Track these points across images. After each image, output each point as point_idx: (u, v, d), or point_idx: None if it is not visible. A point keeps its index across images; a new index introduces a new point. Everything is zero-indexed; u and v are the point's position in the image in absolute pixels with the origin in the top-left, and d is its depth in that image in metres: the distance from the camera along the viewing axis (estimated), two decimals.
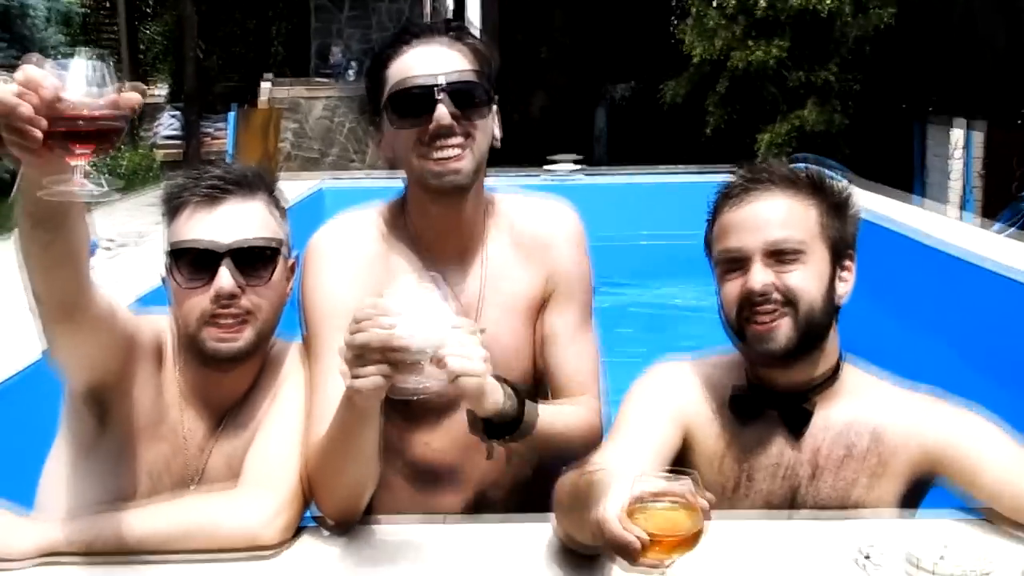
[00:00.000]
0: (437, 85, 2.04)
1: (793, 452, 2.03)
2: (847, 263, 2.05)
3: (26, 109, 1.37)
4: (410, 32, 2.12)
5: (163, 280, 2.03)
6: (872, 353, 2.19)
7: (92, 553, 1.80)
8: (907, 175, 11.50)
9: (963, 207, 10.44)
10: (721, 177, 2.08)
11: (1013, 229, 8.56)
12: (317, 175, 9.62)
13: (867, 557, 1.76)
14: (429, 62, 2.07)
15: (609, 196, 8.81)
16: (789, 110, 11.66)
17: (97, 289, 1.78)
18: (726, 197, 2.04)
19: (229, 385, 2.08)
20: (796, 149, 11.25)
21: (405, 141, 2.08)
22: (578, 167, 9.31)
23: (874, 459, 2.01)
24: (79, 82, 1.42)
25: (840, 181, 2.09)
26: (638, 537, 1.42)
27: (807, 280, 1.95)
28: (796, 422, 2.03)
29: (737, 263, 1.98)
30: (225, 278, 1.94)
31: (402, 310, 1.59)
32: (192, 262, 1.96)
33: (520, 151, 12.80)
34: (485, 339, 1.98)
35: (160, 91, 20.80)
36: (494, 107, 2.16)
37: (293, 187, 8.71)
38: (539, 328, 2.27)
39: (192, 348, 1.99)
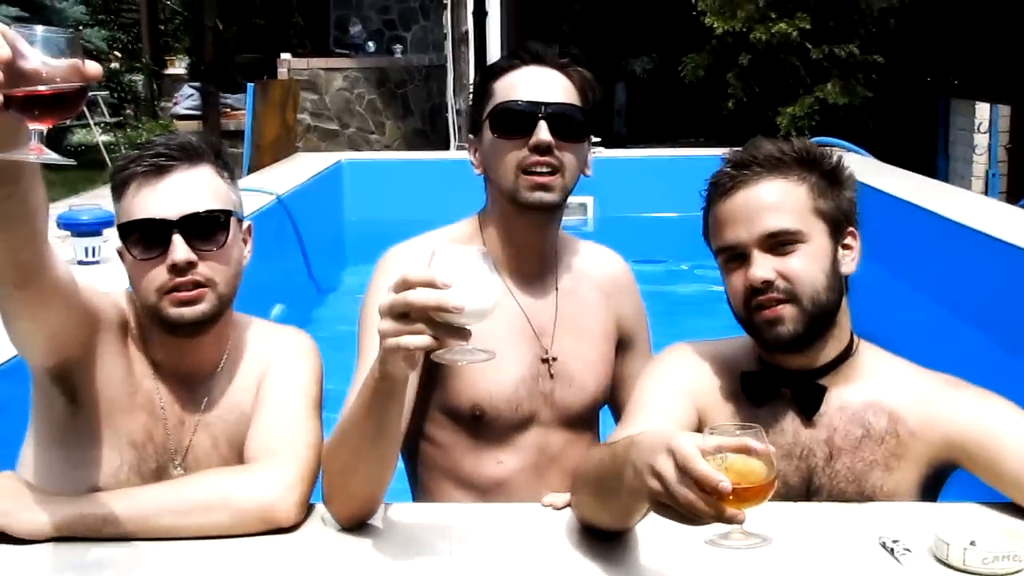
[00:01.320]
0: (542, 106, 2.16)
1: (808, 432, 1.99)
2: (849, 236, 2.01)
3: None
4: (526, 52, 2.24)
5: (120, 255, 2.02)
6: (895, 332, 2.16)
7: (107, 530, 1.78)
8: (931, 150, 11.40)
9: (987, 184, 10.34)
10: None
11: None
12: (337, 154, 9.62)
13: (895, 541, 1.73)
14: (538, 84, 2.20)
15: (630, 171, 8.78)
16: (812, 84, 11.55)
17: (57, 256, 1.76)
18: (715, 187, 2.01)
19: (197, 354, 2.06)
20: (819, 124, 11.16)
21: (501, 154, 2.18)
22: (598, 140, 9.24)
23: (892, 441, 1.97)
24: (39, 48, 1.37)
25: (831, 151, 2.04)
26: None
27: (808, 263, 1.92)
28: (809, 402, 1.99)
29: (736, 256, 1.96)
30: (180, 249, 1.92)
31: (454, 275, 1.54)
32: (144, 236, 1.94)
33: None
34: (559, 362, 2.25)
35: (180, 65, 20.84)
36: (590, 139, 2.25)
37: (313, 161, 8.73)
38: (616, 368, 2.40)
39: (155, 318, 1.98)
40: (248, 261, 2.09)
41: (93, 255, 4.73)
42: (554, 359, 2.26)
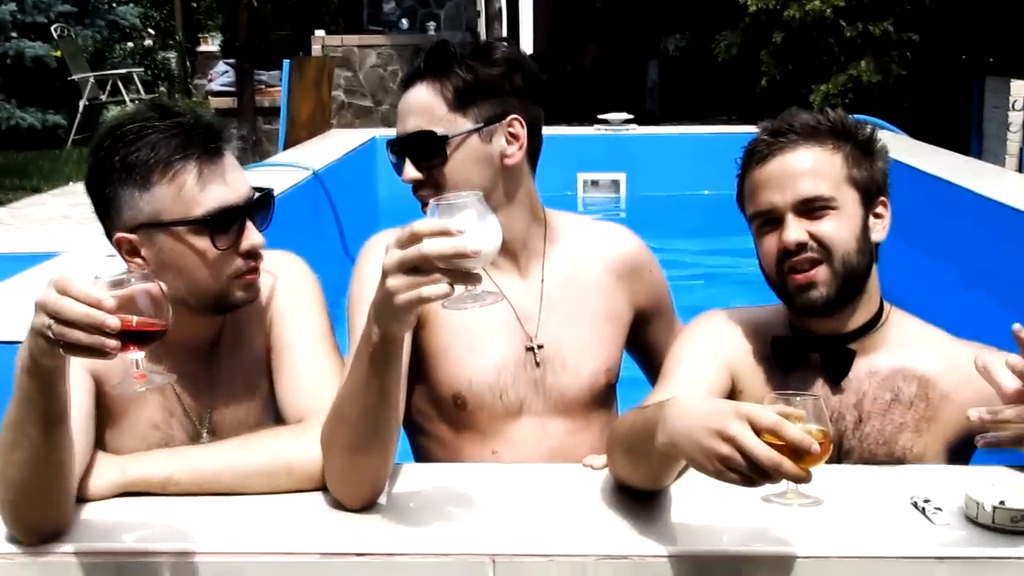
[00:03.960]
0: (400, 142, 2.16)
1: (838, 398, 2.04)
2: (880, 205, 2.06)
3: (115, 322, 1.44)
4: (408, 75, 2.21)
5: (134, 247, 1.89)
6: (927, 309, 2.20)
7: (169, 489, 1.85)
8: (964, 128, 11.33)
9: (1021, 161, 10.28)
10: None
11: None
12: (371, 131, 9.67)
13: (927, 501, 1.77)
14: (401, 119, 2.19)
15: (661, 149, 8.78)
16: (845, 62, 11.50)
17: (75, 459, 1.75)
18: (752, 154, 2.06)
19: (207, 325, 2.03)
20: (852, 102, 11.12)
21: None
22: (631, 118, 9.23)
23: (922, 405, 2.02)
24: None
25: (865, 123, 2.09)
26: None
27: (840, 228, 1.98)
28: (837, 368, 2.04)
29: (770, 220, 2.01)
30: (256, 234, 1.93)
31: (461, 221, 1.53)
32: (223, 225, 1.88)
33: (573, 103, 12.76)
34: (546, 349, 2.21)
35: (213, 42, 20.93)
36: (493, 127, 2.15)
37: (348, 137, 8.77)
38: (643, 338, 2.42)
39: (207, 302, 1.94)
40: None
41: None
42: (540, 346, 2.22)
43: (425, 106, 2.15)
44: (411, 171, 2.14)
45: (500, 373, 2.19)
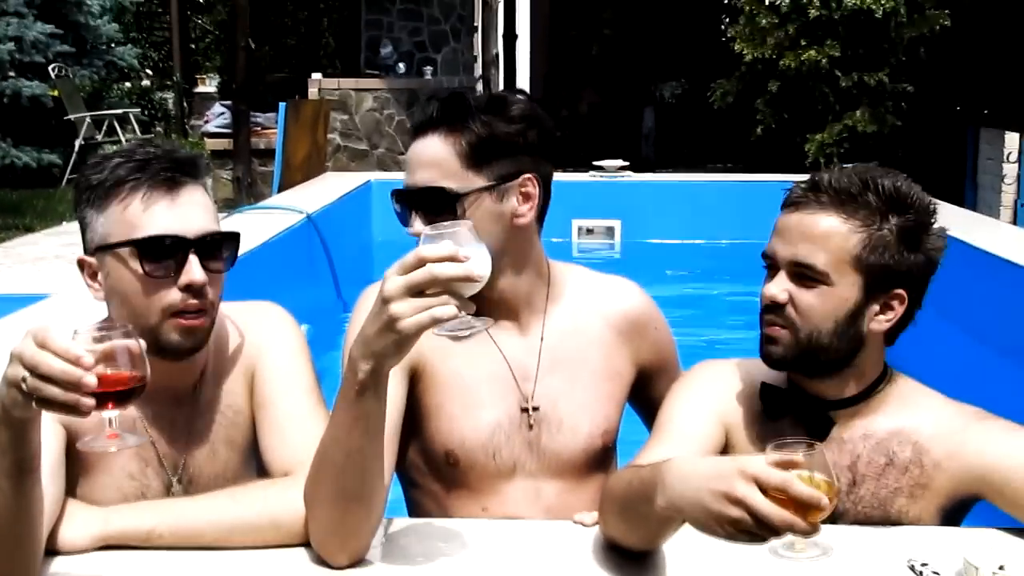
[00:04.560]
0: (409, 194, 2.10)
1: (832, 459, 1.99)
2: (895, 298, 1.97)
3: (92, 380, 1.42)
4: (420, 123, 2.13)
5: (91, 268, 1.90)
6: (922, 359, 2.18)
7: (151, 543, 1.80)
8: (959, 179, 11.38)
9: (1016, 213, 10.31)
10: (770, 178, 2.05)
11: None
12: (366, 174, 9.70)
13: (924, 564, 1.74)
14: (410, 169, 2.12)
15: (657, 196, 8.79)
16: (841, 112, 11.56)
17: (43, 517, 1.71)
18: (786, 197, 2.02)
19: (181, 372, 1.97)
20: (847, 152, 11.17)
21: None
22: (626, 164, 9.25)
23: (916, 471, 1.98)
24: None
25: (929, 211, 1.98)
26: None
27: (820, 305, 1.92)
28: (816, 428, 1.99)
29: (771, 266, 1.99)
30: (197, 270, 1.85)
31: (462, 248, 1.54)
32: (159, 253, 1.83)
33: (568, 149, 12.81)
34: (542, 410, 2.16)
35: (210, 83, 21.03)
36: (506, 186, 2.09)
37: (343, 181, 8.78)
38: (647, 393, 2.34)
39: (146, 340, 1.81)
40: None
41: None
42: (535, 408, 2.17)
43: (438, 159, 2.08)
44: (419, 226, 2.04)
45: (493, 433, 2.14)
